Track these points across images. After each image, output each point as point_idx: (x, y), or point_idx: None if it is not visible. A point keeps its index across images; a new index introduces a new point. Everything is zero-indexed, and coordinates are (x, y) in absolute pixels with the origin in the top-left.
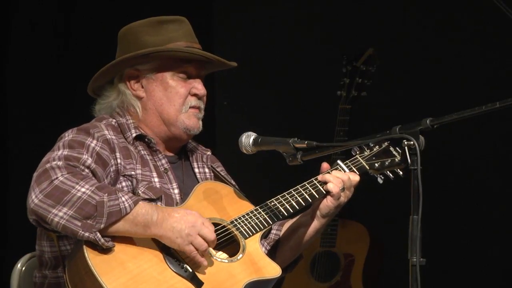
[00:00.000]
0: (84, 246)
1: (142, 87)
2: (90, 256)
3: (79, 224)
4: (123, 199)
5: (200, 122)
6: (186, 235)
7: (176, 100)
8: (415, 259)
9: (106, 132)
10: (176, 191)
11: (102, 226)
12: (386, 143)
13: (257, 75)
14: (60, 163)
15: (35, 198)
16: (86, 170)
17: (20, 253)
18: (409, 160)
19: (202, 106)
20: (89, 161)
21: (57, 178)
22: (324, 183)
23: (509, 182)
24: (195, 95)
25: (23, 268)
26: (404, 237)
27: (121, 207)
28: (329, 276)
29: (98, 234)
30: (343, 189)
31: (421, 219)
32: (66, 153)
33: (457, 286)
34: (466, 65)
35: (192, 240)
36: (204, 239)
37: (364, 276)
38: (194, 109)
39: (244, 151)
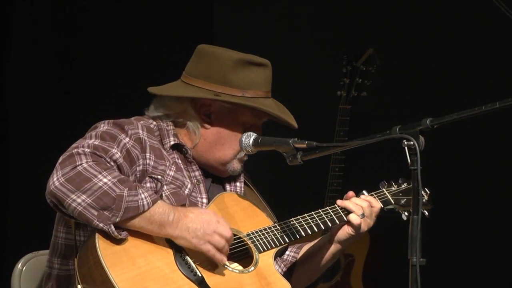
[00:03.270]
0: (97, 235)
1: (210, 118)
2: (101, 246)
3: (96, 213)
4: (143, 196)
5: (243, 164)
6: (202, 234)
7: (237, 145)
8: (415, 259)
9: (140, 131)
10: (205, 200)
11: (117, 219)
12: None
13: None
14: (87, 150)
15: (56, 180)
16: (112, 163)
17: (21, 253)
18: (409, 161)
19: None
20: (117, 155)
21: (81, 164)
22: (347, 211)
23: (510, 182)
24: None
25: (24, 268)
26: (404, 237)
27: (139, 203)
28: (329, 276)
29: (112, 226)
30: (363, 215)
31: (421, 219)
32: (96, 143)
33: (457, 286)
34: (466, 65)
35: (209, 239)
36: (221, 236)
37: (364, 276)
38: (245, 155)
39: (244, 151)
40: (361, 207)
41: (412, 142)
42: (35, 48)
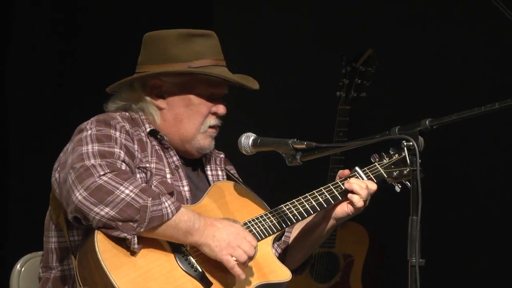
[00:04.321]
0: (96, 240)
1: (164, 98)
2: (101, 250)
3: (120, 224)
4: (166, 204)
5: (213, 141)
6: (226, 245)
7: (196, 118)
8: (414, 260)
9: (124, 124)
10: (186, 188)
11: (142, 230)
12: (405, 153)
13: (256, 76)
14: (98, 160)
15: (79, 195)
16: (124, 165)
17: (20, 254)
18: (408, 161)
19: (220, 124)
20: (122, 154)
21: (100, 177)
22: (349, 190)
23: (510, 182)
24: (215, 113)
25: (23, 269)
26: (404, 237)
27: (163, 212)
28: (328, 276)
29: (136, 237)
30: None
31: (421, 220)
32: (97, 147)
33: (457, 287)
34: (466, 65)
35: (231, 251)
36: (244, 252)
37: (364, 276)
38: (212, 129)
39: (244, 152)
40: (366, 191)
41: (411, 143)
42: (35, 48)
